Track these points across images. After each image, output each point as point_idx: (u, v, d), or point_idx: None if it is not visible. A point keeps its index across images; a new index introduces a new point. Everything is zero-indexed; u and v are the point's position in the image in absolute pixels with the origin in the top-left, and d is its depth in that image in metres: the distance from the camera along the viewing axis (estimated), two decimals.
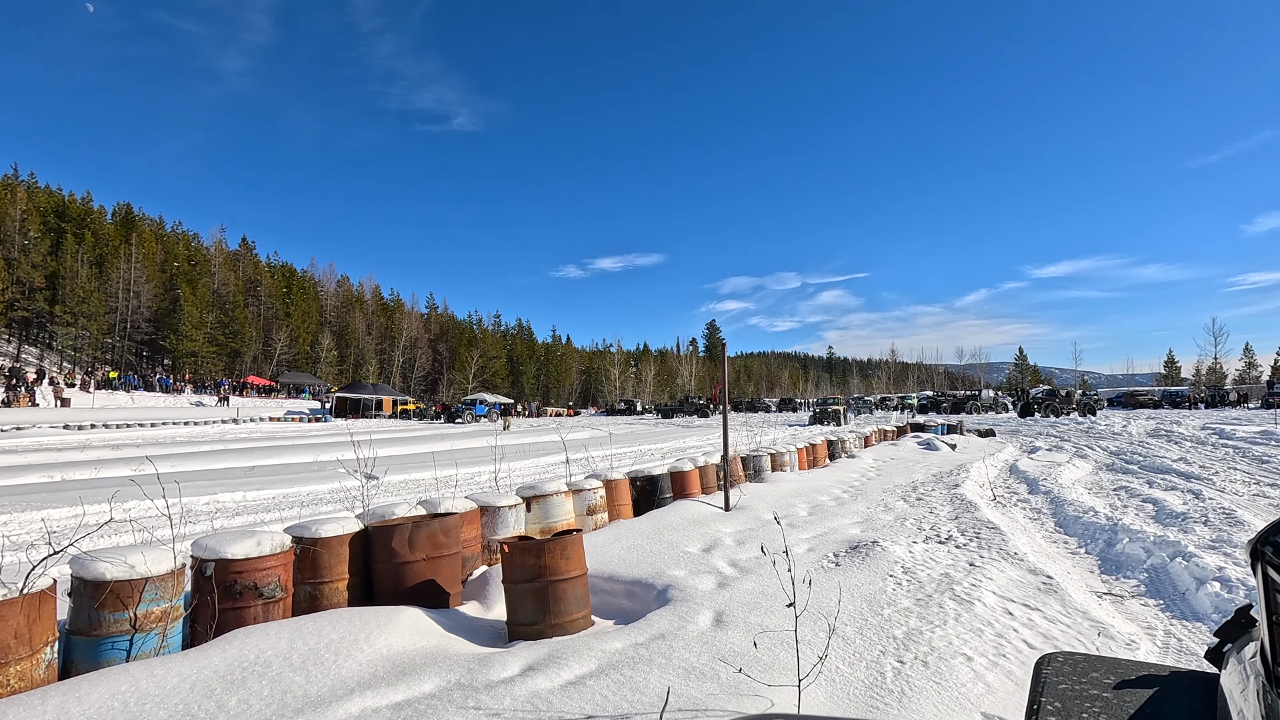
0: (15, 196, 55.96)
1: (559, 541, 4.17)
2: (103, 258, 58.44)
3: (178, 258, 66.11)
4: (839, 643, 3.62)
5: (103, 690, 2.83)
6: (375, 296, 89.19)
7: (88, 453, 18.09)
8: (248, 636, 3.39)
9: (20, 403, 34.09)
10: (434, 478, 12.82)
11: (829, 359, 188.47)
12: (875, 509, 8.45)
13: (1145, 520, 7.46)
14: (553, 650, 3.50)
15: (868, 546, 5.85)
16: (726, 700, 2.94)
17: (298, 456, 17.98)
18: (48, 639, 3.11)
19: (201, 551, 3.85)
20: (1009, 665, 3.46)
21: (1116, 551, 6.24)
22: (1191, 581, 5.00)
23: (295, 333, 70.54)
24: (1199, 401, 51.37)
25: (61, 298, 54.72)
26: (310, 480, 12.42)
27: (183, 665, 3.08)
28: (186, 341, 58.77)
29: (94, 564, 3.31)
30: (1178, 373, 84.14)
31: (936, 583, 4.81)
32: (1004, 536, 6.46)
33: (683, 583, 4.78)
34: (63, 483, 12.37)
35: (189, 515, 8.73)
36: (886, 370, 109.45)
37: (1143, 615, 4.63)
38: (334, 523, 4.43)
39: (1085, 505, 8.52)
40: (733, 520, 7.22)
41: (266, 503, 10.33)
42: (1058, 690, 1.35)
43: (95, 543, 5.99)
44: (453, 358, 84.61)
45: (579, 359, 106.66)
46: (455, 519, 4.83)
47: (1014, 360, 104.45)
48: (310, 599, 4.22)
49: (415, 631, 3.76)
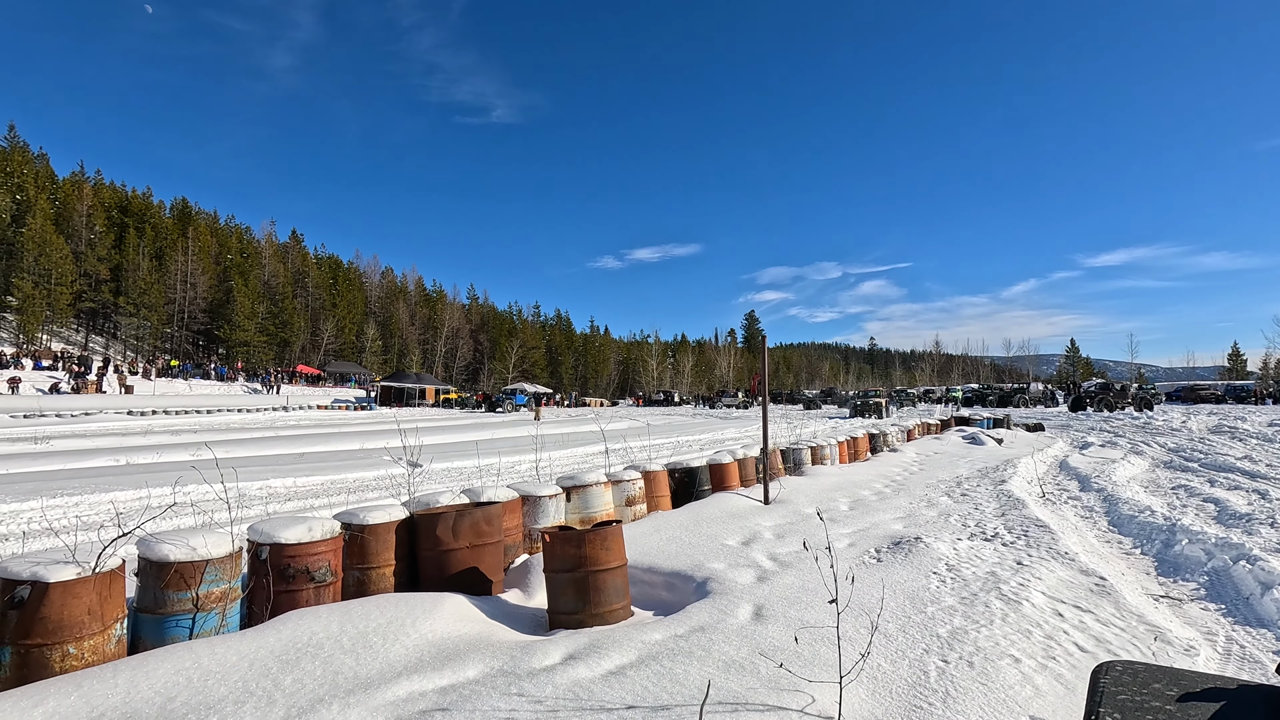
0: (82, 193, 58.72)
1: (599, 532, 4.21)
2: (161, 251, 60.94)
3: (231, 250, 68.53)
4: (881, 640, 3.58)
5: (169, 665, 2.98)
6: (418, 288, 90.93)
7: (150, 438, 18.96)
8: (300, 619, 3.52)
9: (88, 390, 35.93)
10: (476, 466, 13.06)
11: (870, 350, 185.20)
12: (918, 504, 8.28)
13: (1206, 521, 7.15)
14: (593, 640, 3.54)
15: (910, 542, 5.74)
16: (767, 695, 2.93)
17: (345, 444, 18.51)
18: (118, 616, 3.28)
19: (257, 536, 4.00)
20: (1059, 668, 3.36)
21: (1174, 553, 6.00)
22: (1256, 586, 4.78)
23: (341, 323, 72.47)
24: (1266, 397, 48.65)
25: (125, 289, 57.31)
26: (357, 467, 12.78)
27: (241, 644, 3.22)
28: (239, 331, 60.92)
29: (159, 545, 3.48)
30: (1243, 366, 79.97)
31: (982, 581, 4.70)
32: (1054, 535, 6.27)
33: (722, 576, 4.78)
34: (127, 466, 13.00)
35: (243, 500, 9.09)
36: (930, 362, 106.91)
37: (1202, 620, 4.45)
38: (381, 510, 4.56)
39: (1141, 504, 8.20)
40: (772, 514, 7.17)
41: (315, 489, 10.67)
42: (1117, 701, 1.31)
43: (159, 525, 6.29)
44: (493, 348, 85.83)
45: (616, 350, 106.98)
46: (497, 508, 4.92)
47: (1065, 352, 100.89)
48: (358, 584, 4.35)
49: (459, 618, 3.85)
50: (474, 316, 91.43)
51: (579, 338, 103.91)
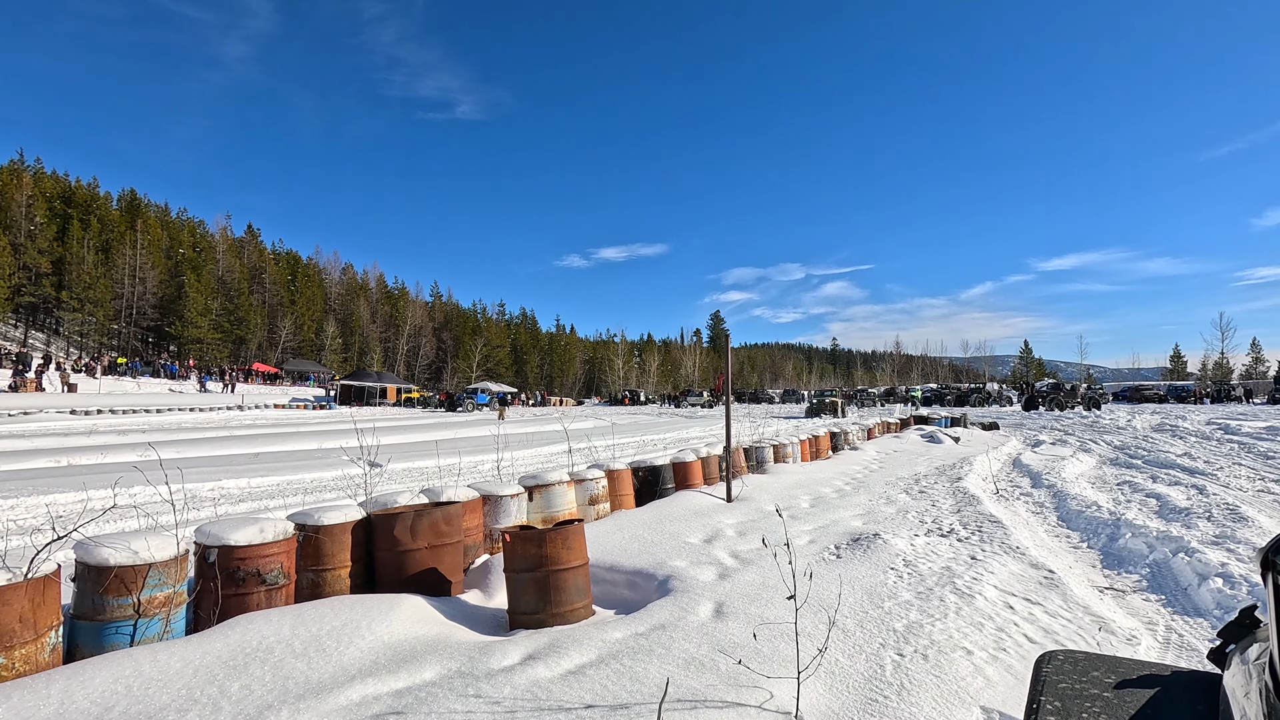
0: (21, 182, 56.05)
1: (560, 531, 4.17)
2: (108, 244, 58.57)
3: (183, 244, 66.26)
4: (839, 635, 3.63)
5: (106, 674, 2.85)
6: (380, 285, 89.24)
7: (94, 438, 18.20)
8: (250, 623, 3.41)
9: (27, 388, 34.26)
10: (437, 466, 12.86)
11: (833, 351, 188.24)
12: (877, 501, 8.44)
13: (1148, 515, 7.44)
14: (553, 639, 3.51)
15: (869, 539, 5.84)
16: (726, 692, 2.94)
17: (302, 444, 18.05)
18: (52, 623, 3.13)
19: (205, 538, 3.86)
20: (1009, 659, 3.46)
21: (1119, 546, 6.23)
22: (1194, 577, 4.99)
23: (300, 320, 70.71)
24: (1205, 396, 50.98)
25: (68, 284, 54.92)
26: (314, 467, 12.47)
27: (186, 650, 3.10)
28: (192, 328, 58.95)
29: (98, 549, 3.33)
30: (1184, 367, 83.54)
31: (938, 576, 4.81)
32: (1006, 530, 6.45)
33: (684, 573, 4.79)
34: (69, 468, 12.45)
35: (193, 502, 8.78)
36: (891, 362, 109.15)
37: (1144, 610, 4.62)
38: (336, 510, 4.45)
39: (1088, 500, 8.49)
40: (735, 511, 7.23)
41: (270, 490, 10.38)
42: (1058, 689, 1.35)
43: (100, 528, 6.03)
44: (457, 346, 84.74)
45: (583, 349, 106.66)
46: (457, 508, 4.85)
47: (1019, 354, 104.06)
48: (313, 586, 4.24)
49: (417, 619, 3.78)
50: (437, 314, 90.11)
51: (545, 337, 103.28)
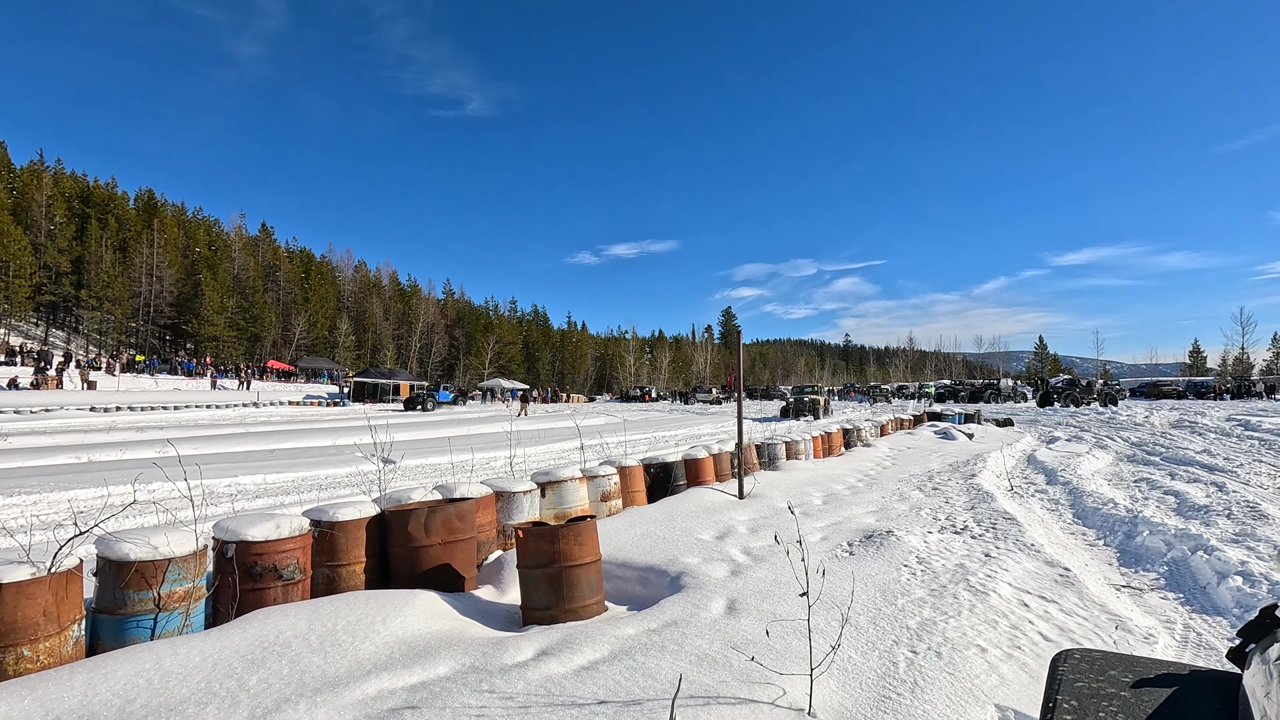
0: (41, 182, 56.81)
1: (573, 527, 4.19)
2: (126, 243, 59.26)
3: (199, 243, 66.92)
4: (852, 632, 3.62)
5: (128, 667, 2.90)
6: (392, 282, 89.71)
7: (113, 434, 18.46)
8: (267, 617, 3.45)
9: (48, 385, 34.83)
10: (450, 463, 12.94)
11: (845, 347, 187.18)
12: (890, 498, 8.40)
13: (1166, 513, 7.35)
14: (566, 635, 3.53)
15: (882, 536, 5.82)
16: (738, 688, 2.95)
17: (316, 440, 18.22)
18: (75, 617, 3.19)
19: (223, 533, 3.92)
20: (1024, 657, 3.43)
21: (1136, 544, 6.16)
22: (1213, 575, 4.93)
23: (314, 318, 71.23)
24: (1225, 392, 50.27)
25: (87, 282, 55.64)
26: (328, 464, 12.59)
27: (205, 644, 3.15)
28: (208, 326, 59.56)
29: (119, 544, 3.38)
30: (1203, 363, 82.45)
31: (951, 573, 4.78)
32: (1020, 527, 6.40)
33: (696, 570, 4.79)
34: (89, 464, 12.65)
35: (211, 497, 8.89)
36: (903, 358, 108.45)
37: (1162, 609, 4.57)
38: (351, 507, 4.49)
39: (1104, 497, 8.41)
40: (746, 508, 7.22)
41: (286, 485, 10.49)
42: (1074, 688, 1.34)
43: (120, 524, 6.13)
44: (469, 343, 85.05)
45: (594, 345, 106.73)
46: (470, 504, 4.88)
47: (1033, 349, 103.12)
48: (328, 581, 4.29)
49: (430, 615, 3.81)
50: (449, 311, 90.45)
51: (556, 333, 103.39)
